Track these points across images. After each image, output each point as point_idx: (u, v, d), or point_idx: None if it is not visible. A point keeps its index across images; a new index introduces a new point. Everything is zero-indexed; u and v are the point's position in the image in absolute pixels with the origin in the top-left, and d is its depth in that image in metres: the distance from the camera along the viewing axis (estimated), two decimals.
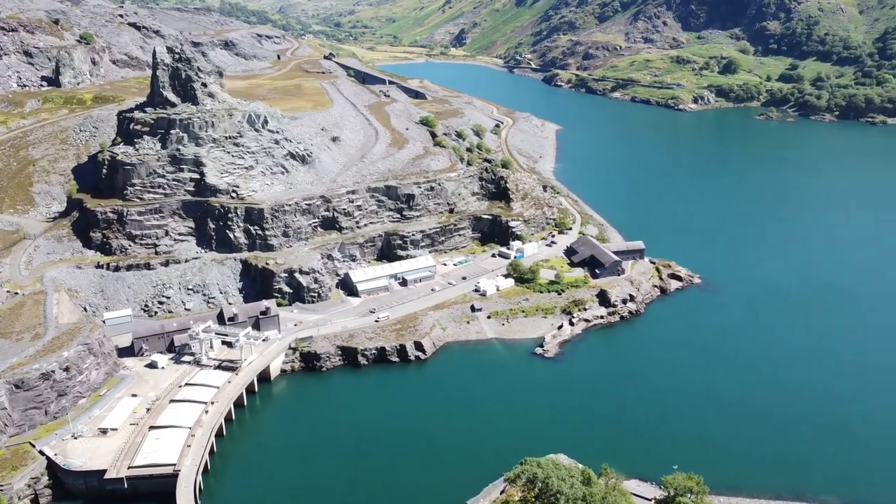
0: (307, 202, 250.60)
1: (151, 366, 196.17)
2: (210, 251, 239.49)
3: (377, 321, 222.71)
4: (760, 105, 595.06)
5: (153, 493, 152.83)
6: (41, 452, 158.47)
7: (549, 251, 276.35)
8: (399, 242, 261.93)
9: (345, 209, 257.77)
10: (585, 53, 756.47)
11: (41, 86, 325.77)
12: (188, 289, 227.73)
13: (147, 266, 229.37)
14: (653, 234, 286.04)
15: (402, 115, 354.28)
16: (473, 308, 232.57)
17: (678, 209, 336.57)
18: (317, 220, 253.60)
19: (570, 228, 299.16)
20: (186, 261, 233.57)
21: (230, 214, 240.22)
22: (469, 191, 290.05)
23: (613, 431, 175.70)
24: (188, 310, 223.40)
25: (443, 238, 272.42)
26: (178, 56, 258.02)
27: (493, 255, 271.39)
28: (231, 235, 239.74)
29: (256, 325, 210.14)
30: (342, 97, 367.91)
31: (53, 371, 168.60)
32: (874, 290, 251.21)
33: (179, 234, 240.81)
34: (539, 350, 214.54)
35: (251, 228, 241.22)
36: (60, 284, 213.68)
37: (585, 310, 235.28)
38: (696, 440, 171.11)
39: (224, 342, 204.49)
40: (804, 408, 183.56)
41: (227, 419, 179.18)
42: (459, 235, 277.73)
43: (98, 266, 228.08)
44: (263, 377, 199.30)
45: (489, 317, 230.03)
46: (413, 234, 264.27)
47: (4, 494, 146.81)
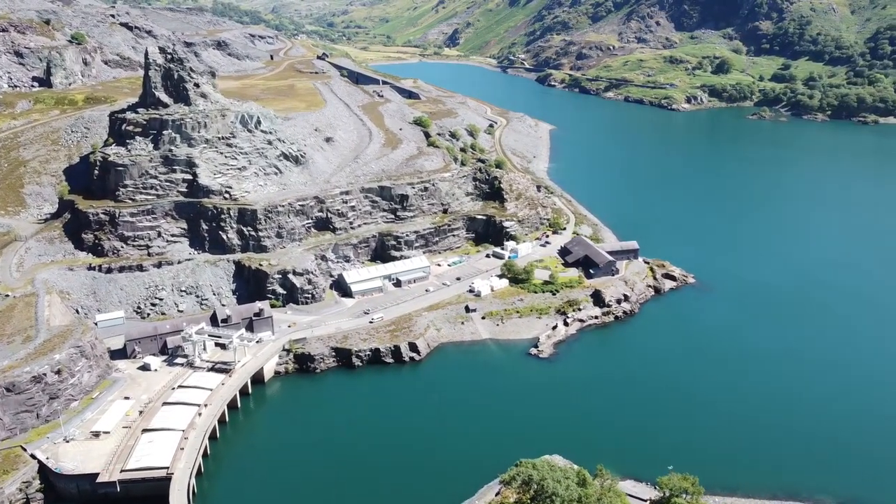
0: (301, 203, 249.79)
1: (144, 368, 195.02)
2: (203, 252, 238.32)
3: (371, 322, 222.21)
4: (753, 105, 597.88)
5: (146, 497, 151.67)
6: (33, 456, 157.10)
7: (544, 251, 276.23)
8: (393, 243, 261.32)
9: (338, 210, 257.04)
10: (579, 53, 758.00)
11: (32, 86, 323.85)
12: (181, 290, 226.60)
13: (140, 268, 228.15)
14: (647, 234, 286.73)
15: (396, 116, 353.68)
16: (468, 309, 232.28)
17: (672, 209, 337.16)
18: (310, 221, 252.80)
19: (565, 228, 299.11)
20: (179, 262, 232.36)
21: (223, 215, 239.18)
22: (463, 191, 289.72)
23: (608, 431, 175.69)
24: (181, 311, 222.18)
25: (437, 238, 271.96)
26: (171, 56, 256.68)
27: (488, 256, 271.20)
28: (224, 236, 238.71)
29: (250, 327, 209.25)
30: (335, 97, 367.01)
31: (45, 374, 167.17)
32: (868, 289, 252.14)
33: (172, 236, 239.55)
34: (534, 350, 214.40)
35: (244, 229, 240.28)
36: (52, 286, 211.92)
37: (580, 310, 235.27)
38: (691, 440, 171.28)
39: (217, 344, 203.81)
40: (799, 407, 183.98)
41: (221, 421, 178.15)
42: (453, 236, 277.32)
43: (90, 268, 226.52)
44: (257, 379, 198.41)
45: (484, 317, 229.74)
46: (407, 235, 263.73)
47: None
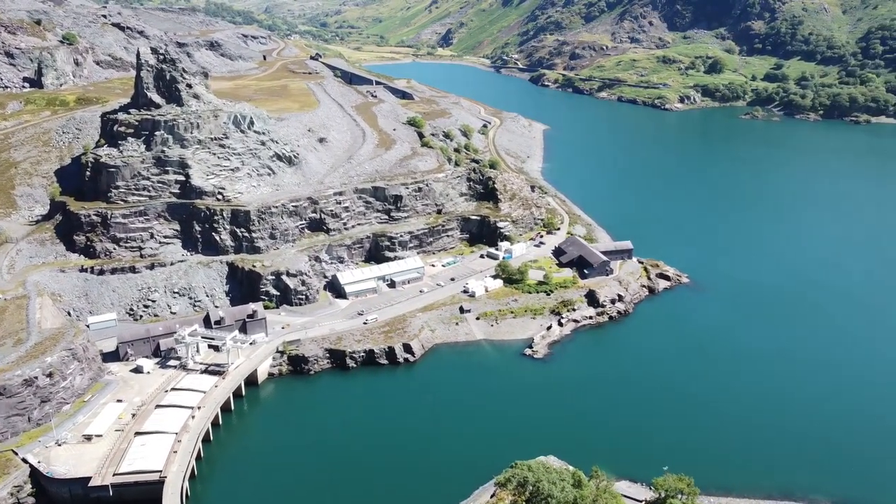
0: (294, 204, 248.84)
1: (137, 370, 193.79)
2: (196, 254, 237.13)
3: (365, 323, 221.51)
4: (746, 104, 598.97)
5: (139, 501, 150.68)
6: (24, 460, 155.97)
7: (538, 251, 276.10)
8: (387, 244, 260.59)
9: (332, 210, 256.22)
10: (572, 53, 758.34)
11: (23, 87, 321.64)
12: (174, 292, 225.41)
13: (132, 269, 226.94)
14: (641, 234, 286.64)
15: (390, 116, 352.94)
16: (462, 309, 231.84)
17: (666, 208, 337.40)
18: (304, 222, 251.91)
19: (559, 229, 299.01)
20: (172, 264, 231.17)
21: (216, 216, 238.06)
22: (457, 191, 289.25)
23: (603, 432, 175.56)
24: (174, 313, 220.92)
25: (431, 239, 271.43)
26: (163, 57, 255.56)
27: (482, 256, 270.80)
28: (217, 238, 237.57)
29: (243, 329, 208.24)
30: (329, 98, 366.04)
31: (36, 377, 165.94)
32: (860, 290, 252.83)
33: (165, 237, 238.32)
34: (528, 351, 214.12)
35: (237, 230, 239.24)
36: (43, 289, 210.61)
37: (574, 310, 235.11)
38: (686, 440, 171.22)
39: (211, 346, 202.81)
40: (792, 407, 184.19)
41: (214, 424, 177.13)
42: (447, 236, 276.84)
43: (82, 269, 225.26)
44: (251, 381, 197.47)
45: (478, 318, 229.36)
46: (401, 236, 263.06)
47: None
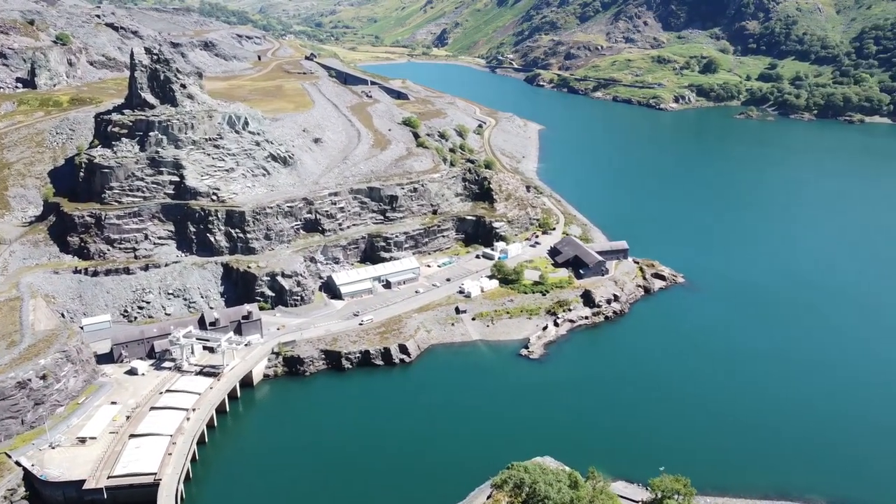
0: (289, 204, 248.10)
1: (131, 372, 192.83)
2: (191, 255, 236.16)
3: (361, 324, 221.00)
4: (740, 104, 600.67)
5: (133, 503, 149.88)
6: (17, 463, 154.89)
7: (533, 252, 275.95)
8: (382, 244, 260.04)
9: (327, 211, 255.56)
10: (567, 53, 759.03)
11: (16, 87, 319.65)
12: (168, 293, 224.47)
13: (126, 270, 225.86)
14: (636, 234, 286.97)
15: (385, 116, 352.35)
16: (458, 310, 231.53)
17: (661, 208, 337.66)
18: (299, 223, 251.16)
19: (554, 229, 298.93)
20: (166, 265, 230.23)
21: (211, 217, 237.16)
22: (452, 192, 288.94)
23: (599, 432, 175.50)
24: (168, 315, 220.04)
25: (426, 239, 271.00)
26: (157, 57, 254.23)
27: (478, 257, 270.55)
28: (212, 239, 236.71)
29: (238, 330, 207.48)
30: (324, 98, 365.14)
31: (30, 379, 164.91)
32: (855, 288, 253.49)
33: (159, 238, 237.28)
34: (524, 351, 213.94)
35: (232, 231, 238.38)
36: (37, 290, 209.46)
37: (570, 310, 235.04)
38: (683, 440, 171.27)
39: (205, 347, 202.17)
40: (788, 407, 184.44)
41: (210, 426, 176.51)
42: (443, 237, 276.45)
43: (76, 271, 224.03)
44: (246, 382, 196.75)
45: (474, 318, 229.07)
46: (396, 236, 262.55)
47: None
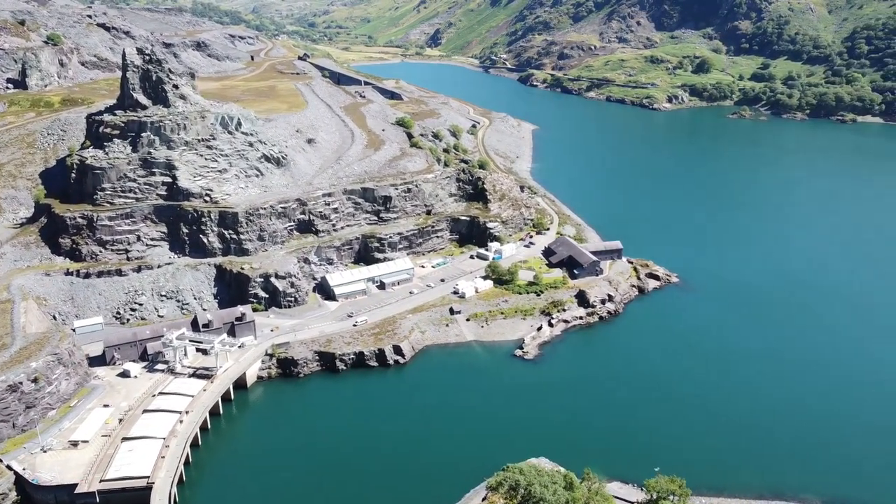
0: (282, 205, 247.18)
1: (124, 375, 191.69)
2: (183, 256, 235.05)
3: (355, 325, 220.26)
4: (733, 104, 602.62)
5: None
6: (9, 467, 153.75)
7: (528, 252, 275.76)
8: (376, 245, 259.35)
9: (321, 212, 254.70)
10: (560, 53, 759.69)
11: (7, 88, 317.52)
12: (161, 295, 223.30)
13: (118, 272, 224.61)
14: (630, 234, 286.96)
15: (378, 117, 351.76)
16: (452, 310, 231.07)
17: (655, 208, 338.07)
18: (292, 224, 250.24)
19: (548, 229, 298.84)
20: (159, 266, 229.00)
21: (203, 218, 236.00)
22: (446, 192, 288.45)
23: (594, 433, 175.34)
24: (161, 317, 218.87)
25: (420, 240, 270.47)
26: (149, 57, 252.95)
27: (472, 257, 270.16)
28: (205, 240, 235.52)
29: (232, 332, 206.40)
30: (317, 98, 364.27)
31: (21, 382, 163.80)
32: (848, 287, 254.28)
33: (152, 240, 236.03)
34: (518, 352, 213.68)
35: (225, 233, 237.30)
36: (28, 292, 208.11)
37: (564, 311, 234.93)
38: (678, 440, 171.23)
39: (199, 349, 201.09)
40: (783, 407, 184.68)
41: (203, 428, 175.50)
42: (437, 237, 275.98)
43: (67, 273, 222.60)
44: (239, 384, 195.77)
45: (468, 319, 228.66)
46: (390, 237, 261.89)
47: None
